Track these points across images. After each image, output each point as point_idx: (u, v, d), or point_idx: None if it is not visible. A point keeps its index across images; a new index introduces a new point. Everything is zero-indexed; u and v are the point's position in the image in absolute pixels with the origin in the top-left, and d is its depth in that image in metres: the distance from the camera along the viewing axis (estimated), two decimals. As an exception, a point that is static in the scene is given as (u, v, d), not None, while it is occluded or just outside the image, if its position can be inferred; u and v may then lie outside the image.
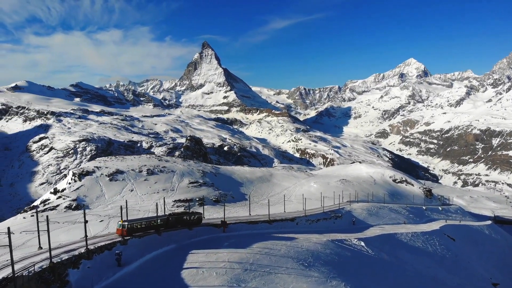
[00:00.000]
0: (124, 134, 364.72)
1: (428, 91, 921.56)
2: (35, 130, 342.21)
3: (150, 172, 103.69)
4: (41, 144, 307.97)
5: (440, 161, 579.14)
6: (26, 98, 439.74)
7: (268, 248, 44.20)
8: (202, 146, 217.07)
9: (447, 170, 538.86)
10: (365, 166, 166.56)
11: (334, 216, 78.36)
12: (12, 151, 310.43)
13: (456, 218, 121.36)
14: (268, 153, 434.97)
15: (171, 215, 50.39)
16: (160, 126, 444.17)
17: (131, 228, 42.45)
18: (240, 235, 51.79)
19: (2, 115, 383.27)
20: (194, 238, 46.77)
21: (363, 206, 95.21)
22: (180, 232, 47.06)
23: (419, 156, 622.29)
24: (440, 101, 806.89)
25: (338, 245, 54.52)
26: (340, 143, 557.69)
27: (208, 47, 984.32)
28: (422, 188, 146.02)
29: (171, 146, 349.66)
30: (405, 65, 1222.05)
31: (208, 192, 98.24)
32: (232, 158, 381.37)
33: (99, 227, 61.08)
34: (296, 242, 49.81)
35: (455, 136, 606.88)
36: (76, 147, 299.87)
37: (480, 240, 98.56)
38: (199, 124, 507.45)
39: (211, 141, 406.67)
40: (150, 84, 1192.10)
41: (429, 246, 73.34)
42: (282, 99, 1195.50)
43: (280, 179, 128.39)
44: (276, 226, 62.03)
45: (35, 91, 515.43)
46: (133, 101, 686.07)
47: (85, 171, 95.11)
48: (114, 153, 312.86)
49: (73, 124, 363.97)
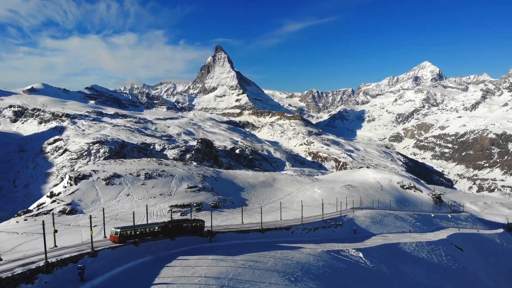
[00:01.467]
0: (137, 136, 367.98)
1: (443, 94, 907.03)
2: (50, 132, 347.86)
3: (148, 176, 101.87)
4: (55, 146, 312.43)
5: (455, 166, 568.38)
6: (42, 101, 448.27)
7: (254, 260, 41.42)
8: (213, 148, 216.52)
9: (462, 175, 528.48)
10: (372, 171, 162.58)
11: (334, 224, 74.48)
12: (27, 152, 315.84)
13: (467, 226, 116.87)
14: (280, 156, 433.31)
15: (171, 222, 48.72)
16: (173, 128, 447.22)
17: (124, 234, 41.14)
18: (228, 246, 49.05)
19: (18, 117, 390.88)
20: (175, 249, 43.68)
21: (367, 214, 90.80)
22: (161, 242, 44.72)
23: (434, 161, 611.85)
24: (455, 105, 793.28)
25: (333, 256, 51.22)
26: (353, 147, 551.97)
27: (221, 51, 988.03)
28: (431, 194, 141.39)
29: (183, 149, 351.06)
30: (419, 68, 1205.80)
31: (207, 197, 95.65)
32: (243, 161, 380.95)
33: (94, 233, 60.21)
34: (286, 254, 46.88)
35: (470, 140, 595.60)
36: (89, 149, 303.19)
37: (491, 250, 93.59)
38: (211, 127, 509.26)
39: (223, 144, 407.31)
40: (164, 87, 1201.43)
41: (434, 257, 68.99)
42: (294, 102, 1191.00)
43: (283, 184, 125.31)
44: (269, 236, 58.61)
45: (50, 93, 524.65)
46: (146, 104, 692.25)
47: (81, 175, 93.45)
48: (127, 155, 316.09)
49: (87, 126, 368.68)
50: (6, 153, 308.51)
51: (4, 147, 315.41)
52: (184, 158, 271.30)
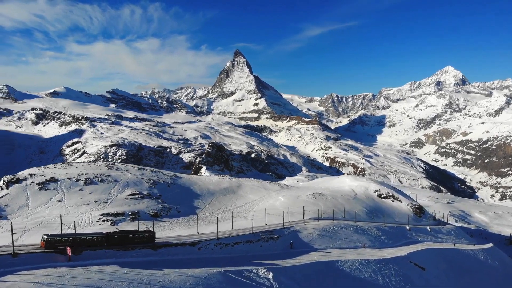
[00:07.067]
0: (154, 139, 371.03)
1: (466, 100, 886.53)
2: (70, 135, 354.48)
3: (88, 181, 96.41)
4: (74, 148, 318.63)
5: (477, 173, 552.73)
6: (63, 104, 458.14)
7: (95, 286, 32.72)
8: (224, 152, 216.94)
9: (485, 182, 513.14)
10: (349, 178, 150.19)
11: (265, 238, 64.15)
12: (47, 154, 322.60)
13: (448, 241, 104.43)
14: (296, 161, 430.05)
15: (116, 232, 47.45)
16: (190, 132, 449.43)
17: (51, 241, 40.85)
18: (93, 264, 39.57)
19: (40, 120, 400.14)
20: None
21: (320, 225, 79.73)
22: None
23: (455, 167, 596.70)
24: (478, 110, 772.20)
25: (229, 278, 41.75)
26: (372, 152, 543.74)
27: (240, 55, 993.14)
28: (411, 205, 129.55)
29: (198, 152, 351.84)
30: (442, 73, 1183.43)
31: (149, 205, 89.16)
32: (259, 166, 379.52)
33: (8, 240, 57.59)
34: (157, 276, 37.27)
35: (493, 147, 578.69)
36: (107, 151, 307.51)
37: (468, 268, 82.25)
38: (228, 131, 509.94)
39: (239, 148, 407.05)
40: (184, 91, 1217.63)
41: (380, 277, 59.14)
42: (313, 106, 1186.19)
43: (247, 191, 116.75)
44: (163, 253, 48.68)
45: (72, 97, 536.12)
46: (166, 108, 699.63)
47: (15, 179, 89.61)
48: (144, 158, 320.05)
49: (106, 129, 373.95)
50: (27, 154, 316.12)
51: (25, 149, 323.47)
52: (196, 161, 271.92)
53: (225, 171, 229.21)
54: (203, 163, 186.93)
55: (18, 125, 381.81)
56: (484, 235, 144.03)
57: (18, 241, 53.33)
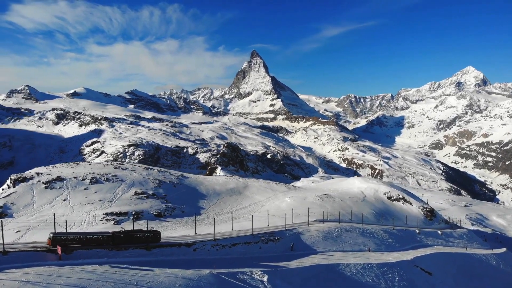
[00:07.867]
0: (172, 140, 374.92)
1: (487, 100, 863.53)
2: (89, 135, 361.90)
3: (94, 180, 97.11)
4: (93, 148, 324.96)
5: (498, 176, 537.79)
6: (83, 104, 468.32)
7: (80, 286, 32.19)
8: (239, 153, 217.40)
9: (506, 185, 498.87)
10: (359, 180, 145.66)
11: (265, 239, 62.78)
12: (67, 153, 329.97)
13: (459, 245, 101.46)
14: (312, 162, 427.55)
15: (121, 232, 48.16)
16: (207, 132, 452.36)
17: (57, 240, 41.82)
18: (83, 263, 39.18)
19: (60, 120, 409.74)
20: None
21: (324, 227, 78.02)
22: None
23: (476, 170, 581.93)
24: (499, 112, 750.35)
25: (221, 280, 40.68)
26: (391, 154, 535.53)
27: (256, 56, 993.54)
28: (422, 207, 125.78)
29: (214, 152, 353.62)
30: (462, 73, 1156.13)
31: (153, 205, 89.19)
32: (274, 166, 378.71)
33: (13, 238, 57.15)
34: (146, 277, 36.42)
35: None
36: (125, 151, 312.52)
37: (478, 273, 79.78)
38: (244, 132, 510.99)
39: (254, 148, 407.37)
40: (202, 92, 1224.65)
41: (383, 282, 57.23)
42: (331, 107, 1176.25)
43: (254, 192, 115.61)
44: (156, 254, 47.59)
45: (92, 97, 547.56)
46: (184, 108, 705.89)
47: (22, 177, 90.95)
48: (161, 158, 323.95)
49: (124, 130, 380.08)
50: (47, 154, 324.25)
51: (46, 148, 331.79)
52: (211, 160, 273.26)
53: (240, 171, 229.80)
54: (218, 163, 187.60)
55: (39, 125, 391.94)
56: (500, 239, 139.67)
57: (21, 239, 54.36)
